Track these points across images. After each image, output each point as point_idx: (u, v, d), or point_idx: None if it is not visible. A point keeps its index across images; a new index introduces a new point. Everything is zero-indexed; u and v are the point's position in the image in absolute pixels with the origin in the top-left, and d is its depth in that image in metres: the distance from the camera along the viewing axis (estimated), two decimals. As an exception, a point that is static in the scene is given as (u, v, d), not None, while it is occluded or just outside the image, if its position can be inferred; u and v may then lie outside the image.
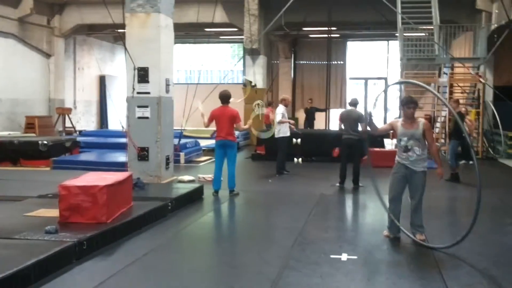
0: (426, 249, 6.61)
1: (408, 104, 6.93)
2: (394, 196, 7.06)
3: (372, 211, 9.06)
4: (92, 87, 25.70)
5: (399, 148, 6.98)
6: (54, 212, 7.03)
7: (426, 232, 6.99)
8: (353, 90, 27.30)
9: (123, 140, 12.60)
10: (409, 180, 6.94)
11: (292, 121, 13.66)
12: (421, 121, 6.98)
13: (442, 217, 9.04)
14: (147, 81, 11.10)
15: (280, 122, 12.70)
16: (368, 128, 7.46)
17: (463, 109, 15.50)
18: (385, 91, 20.13)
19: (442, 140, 17.82)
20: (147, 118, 11.14)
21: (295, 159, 15.12)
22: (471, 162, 15.25)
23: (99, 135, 19.66)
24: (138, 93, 11.12)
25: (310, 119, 21.89)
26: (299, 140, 15.07)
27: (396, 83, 7.53)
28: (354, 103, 11.41)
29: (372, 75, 27.83)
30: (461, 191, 11.29)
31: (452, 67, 19.92)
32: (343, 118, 11.34)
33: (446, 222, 8.74)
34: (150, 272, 5.76)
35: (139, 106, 11.15)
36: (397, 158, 7.01)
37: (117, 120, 21.65)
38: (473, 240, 7.13)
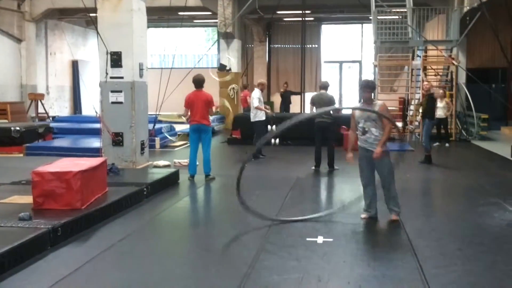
0: (401, 230, 6.68)
1: (364, 88, 7.09)
2: (365, 182, 7.19)
3: (348, 194, 9.10)
4: (64, 72, 25.33)
5: (358, 131, 7.09)
6: (28, 199, 6.96)
7: (402, 213, 7.07)
8: (328, 74, 27.36)
9: (97, 125, 12.48)
10: (374, 163, 7.00)
11: (268, 107, 13.69)
12: (378, 103, 7.12)
13: (417, 198, 9.16)
14: (120, 66, 10.99)
15: (257, 108, 12.77)
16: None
17: (441, 91, 15.69)
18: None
19: (416, 123, 17.96)
20: (121, 103, 11.04)
21: (272, 140, 15.12)
22: (447, 144, 15.47)
23: (73, 120, 19.43)
24: (111, 78, 11.00)
25: (285, 103, 21.90)
26: (274, 126, 15.02)
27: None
28: (325, 86, 11.42)
29: (347, 58, 27.93)
30: (435, 172, 11.42)
31: (425, 50, 20.05)
32: (314, 102, 11.30)
33: (420, 203, 8.85)
34: (126, 258, 5.74)
35: (112, 91, 11.04)
36: (358, 142, 7.12)
37: (90, 106, 21.45)
38: (447, 221, 7.26)
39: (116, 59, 10.99)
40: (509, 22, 11.49)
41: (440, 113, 15.27)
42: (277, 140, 15.26)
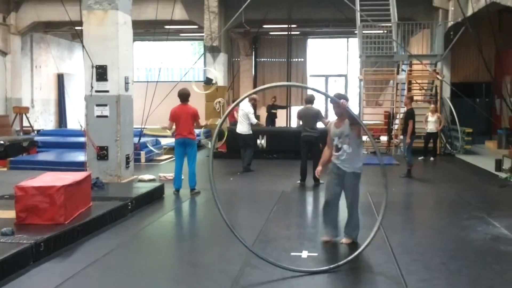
0: (384, 244, 6.69)
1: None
2: (328, 198, 6.79)
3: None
4: (50, 85, 25.22)
5: (333, 148, 6.69)
6: (11, 214, 6.90)
7: (386, 227, 7.07)
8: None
9: (82, 139, 12.42)
10: (343, 182, 6.67)
11: (262, 124, 13.94)
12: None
13: (401, 212, 9.18)
14: (106, 79, 10.96)
15: (257, 125, 13.39)
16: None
17: (432, 106, 15.83)
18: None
19: (401, 137, 18.03)
20: (106, 116, 11.00)
21: (258, 141, 15.00)
22: (431, 158, 15.57)
23: (58, 134, 19.29)
24: (96, 91, 10.97)
25: (272, 117, 21.86)
26: (263, 141, 15.04)
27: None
28: (310, 100, 11.45)
29: (333, 72, 28.07)
30: (419, 186, 11.48)
31: (410, 64, 20.21)
32: (301, 116, 11.37)
33: (405, 217, 8.88)
34: (110, 273, 5.70)
35: (97, 105, 11.00)
36: (332, 159, 6.77)
37: (76, 119, 21.34)
38: (431, 234, 7.28)
39: (101, 73, 10.96)
40: (492, 36, 11.61)
41: (431, 127, 15.41)
42: (263, 141, 15.10)
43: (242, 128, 13.18)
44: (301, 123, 11.36)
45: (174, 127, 10.19)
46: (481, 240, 7.02)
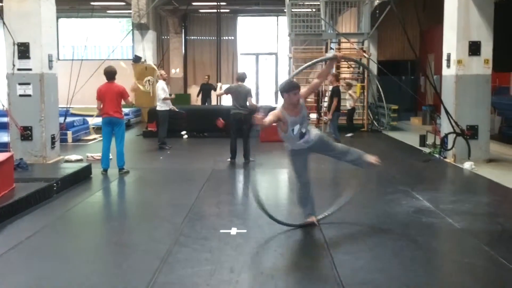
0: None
1: (294, 90, 6.03)
2: (305, 181, 6.52)
3: (264, 185, 9.17)
4: (-30, 64, 24.17)
5: (293, 138, 6.13)
6: None
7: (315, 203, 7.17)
8: (244, 66, 27.46)
9: (4, 119, 11.99)
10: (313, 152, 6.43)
11: (173, 96, 14.34)
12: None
13: (328, 189, 9.32)
14: (28, 57, 10.65)
15: (165, 99, 13.34)
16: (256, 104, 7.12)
17: (345, 82, 16.11)
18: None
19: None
20: (29, 95, 10.70)
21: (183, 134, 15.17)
22: (349, 134, 15.80)
23: (-21, 114, 18.55)
24: (18, 69, 10.63)
25: (205, 96, 21.66)
26: (185, 136, 15.24)
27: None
28: (242, 78, 11.39)
29: (263, 50, 28.11)
30: (345, 162, 11.67)
31: (339, 43, 20.47)
32: (231, 92, 11.31)
33: (331, 193, 9.04)
34: (34, 256, 5.55)
35: (20, 84, 10.67)
36: (292, 147, 6.30)
37: (-2, 99, 20.58)
38: (356, 209, 7.44)
39: (23, 50, 10.62)
40: (417, 15, 11.89)
41: (345, 104, 15.72)
42: (185, 136, 15.34)
43: (157, 104, 13.65)
44: (230, 97, 11.28)
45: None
46: (405, 213, 7.24)
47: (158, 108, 13.54)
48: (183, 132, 15.22)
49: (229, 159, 11.35)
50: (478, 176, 9.92)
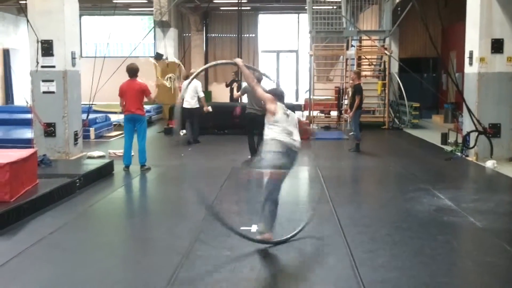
0: (332, 217, 6.81)
1: (284, 98, 5.91)
2: (277, 196, 5.88)
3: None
4: (-5, 61, 24.48)
5: (283, 122, 5.68)
6: (-47, 192, 6.72)
7: (334, 200, 7.17)
8: (265, 63, 27.47)
9: (28, 116, 12.14)
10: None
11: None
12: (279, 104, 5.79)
13: (349, 186, 9.34)
14: (52, 54, 10.74)
15: (203, 99, 13.60)
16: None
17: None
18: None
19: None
20: (53, 92, 10.80)
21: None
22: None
23: (4, 111, 18.79)
24: (42, 66, 10.74)
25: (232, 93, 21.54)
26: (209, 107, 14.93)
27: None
28: (258, 79, 11.37)
29: (284, 48, 28.08)
30: (367, 160, 11.66)
31: (359, 40, 20.39)
32: (247, 92, 11.28)
33: (352, 190, 9.05)
34: (56, 251, 5.63)
35: (44, 81, 10.78)
36: (280, 144, 5.62)
37: (22, 95, 20.80)
38: (377, 207, 7.44)
39: (47, 48, 10.73)
40: (439, 12, 11.81)
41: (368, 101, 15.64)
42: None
43: (190, 102, 13.38)
44: (246, 97, 11.28)
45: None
46: (426, 211, 7.20)
47: (194, 106, 13.49)
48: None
49: (249, 157, 11.37)
50: (500, 175, 9.84)
